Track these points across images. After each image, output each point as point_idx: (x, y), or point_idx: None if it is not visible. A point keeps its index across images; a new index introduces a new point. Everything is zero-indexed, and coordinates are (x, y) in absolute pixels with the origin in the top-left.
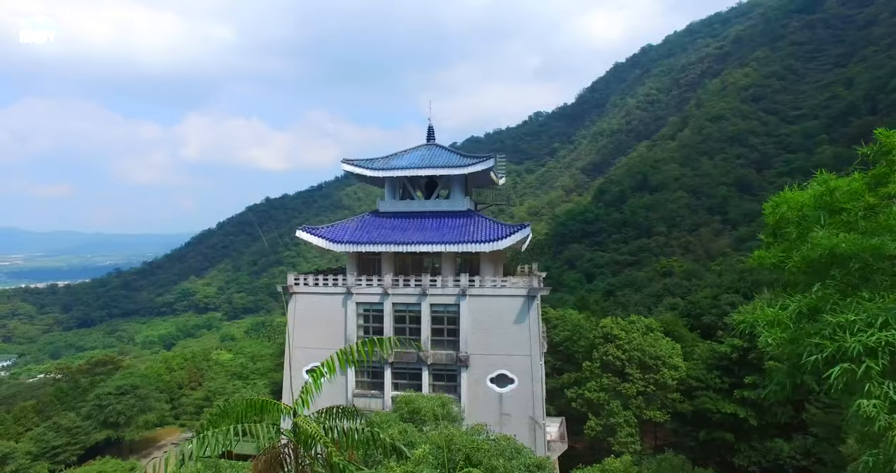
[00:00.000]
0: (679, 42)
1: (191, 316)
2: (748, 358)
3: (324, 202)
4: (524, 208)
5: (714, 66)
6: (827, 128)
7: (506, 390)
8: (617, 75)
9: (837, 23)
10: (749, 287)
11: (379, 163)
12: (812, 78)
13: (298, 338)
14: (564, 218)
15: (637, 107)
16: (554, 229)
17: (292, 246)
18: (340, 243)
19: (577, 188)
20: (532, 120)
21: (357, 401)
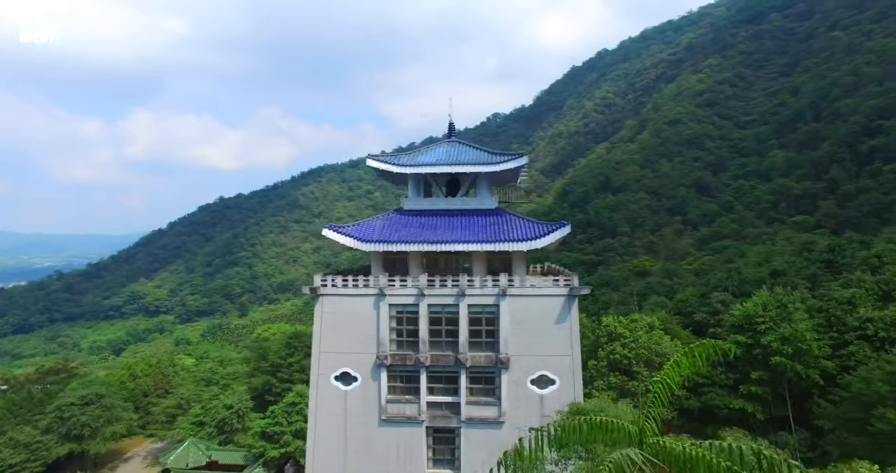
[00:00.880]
0: (634, 47)
1: (141, 319)
2: (753, 354)
3: (280, 202)
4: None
5: (668, 71)
6: (776, 133)
7: (547, 391)
8: (574, 78)
9: (781, 34)
10: (737, 285)
11: (404, 159)
12: (761, 85)
13: (326, 343)
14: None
15: (594, 109)
16: None
17: (248, 247)
18: (370, 242)
19: (536, 189)
20: (490, 121)
21: (391, 408)
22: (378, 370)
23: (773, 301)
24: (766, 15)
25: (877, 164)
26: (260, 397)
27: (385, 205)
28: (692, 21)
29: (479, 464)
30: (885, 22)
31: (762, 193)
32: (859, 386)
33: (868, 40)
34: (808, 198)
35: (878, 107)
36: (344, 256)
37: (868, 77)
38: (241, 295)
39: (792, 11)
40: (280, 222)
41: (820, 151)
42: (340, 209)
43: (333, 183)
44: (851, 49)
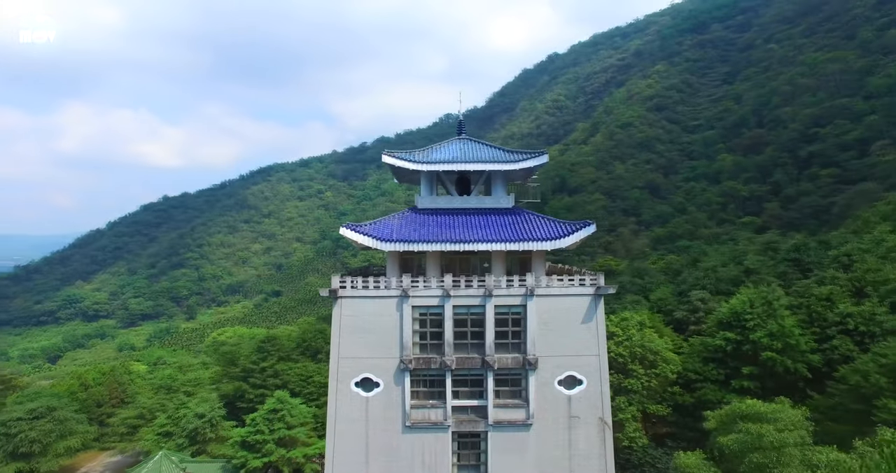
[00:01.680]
0: (584, 52)
1: (79, 324)
2: (742, 350)
3: (228, 201)
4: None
5: (617, 76)
6: (723, 137)
7: (574, 392)
8: (526, 81)
9: (723, 44)
10: (713, 283)
11: (419, 155)
12: (706, 92)
13: (346, 348)
14: None
15: (546, 112)
16: None
17: (195, 248)
18: (390, 242)
19: None
20: (443, 121)
21: (415, 413)
22: (401, 374)
23: (759, 298)
24: (708, 25)
25: (814, 169)
26: (231, 404)
27: (337, 205)
28: (639, 28)
29: (507, 468)
30: (814, 37)
31: (712, 195)
32: (856, 379)
33: (800, 54)
34: (755, 200)
35: (814, 115)
36: (295, 257)
37: (803, 87)
38: (188, 298)
39: (732, 23)
40: (229, 222)
41: (764, 156)
42: (291, 209)
43: (284, 182)
44: (786, 61)
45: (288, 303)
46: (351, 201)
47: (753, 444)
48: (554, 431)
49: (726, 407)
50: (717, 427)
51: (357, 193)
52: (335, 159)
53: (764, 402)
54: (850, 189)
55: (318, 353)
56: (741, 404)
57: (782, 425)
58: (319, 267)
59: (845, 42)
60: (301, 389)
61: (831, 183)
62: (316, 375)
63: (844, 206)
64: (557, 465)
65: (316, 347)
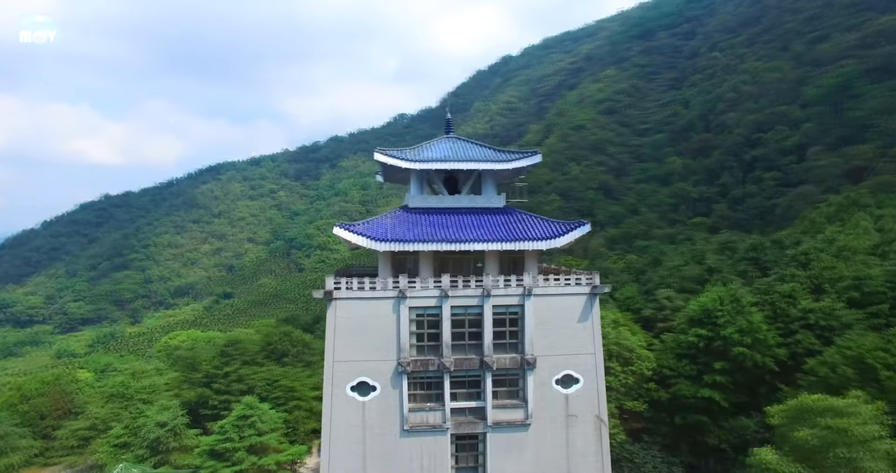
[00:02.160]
0: (536, 55)
1: (9, 330)
2: (713, 346)
3: (175, 200)
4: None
5: (569, 79)
6: (672, 141)
7: (571, 390)
8: (479, 82)
9: (669, 51)
10: (678, 282)
11: (410, 153)
12: (654, 96)
13: (341, 351)
14: None
15: (499, 113)
16: None
17: (140, 249)
18: (385, 241)
19: None
20: (396, 121)
21: (413, 417)
22: (399, 377)
23: (727, 295)
24: (655, 32)
25: (758, 172)
26: (193, 412)
27: (290, 205)
28: (590, 33)
29: (506, 469)
30: (754, 47)
31: (663, 196)
32: (825, 371)
33: (742, 62)
34: (704, 201)
35: (757, 121)
36: (247, 257)
37: (746, 94)
38: (133, 301)
39: (678, 31)
40: (176, 222)
41: (711, 159)
42: (242, 208)
43: (234, 181)
44: (730, 69)
45: (241, 305)
46: (304, 201)
47: (838, 439)
48: (552, 430)
49: (790, 402)
50: (784, 422)
51: (311, 193)
52: (288, 158)
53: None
54: (790, 191)
55: (284, 356)
56: (807, 398)
57: (861, 419)
58: (273, 268)
59: (781, 53)
60: (268, 394)
61: (774, 185)
62: (282, 379)
63: (786, 207)
64: (555, 464)
65: (281, 350)
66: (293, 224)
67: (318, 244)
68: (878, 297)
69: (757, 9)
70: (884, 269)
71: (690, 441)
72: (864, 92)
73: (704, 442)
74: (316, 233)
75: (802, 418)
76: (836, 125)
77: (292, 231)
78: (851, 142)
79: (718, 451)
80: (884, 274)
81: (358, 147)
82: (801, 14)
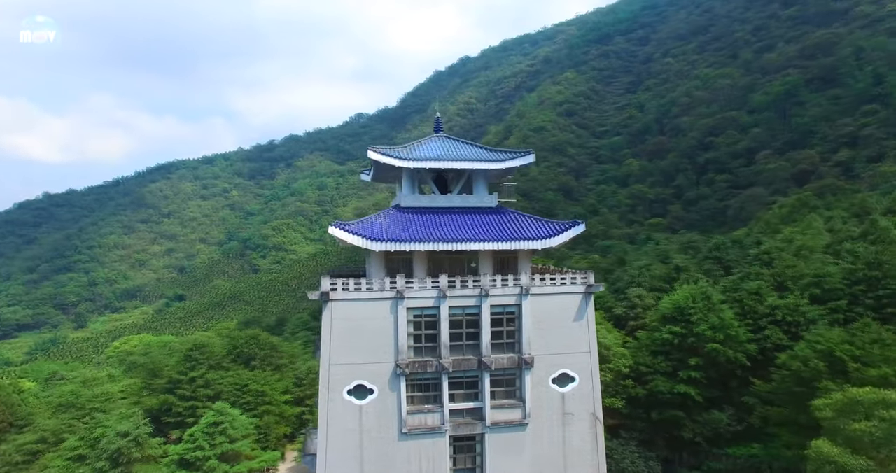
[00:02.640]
0: (495, 56)
1: None
2: (687, 343)
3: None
4: (349, 209)
5: (527, 81)
6: (629, 143)
7: (567, 389)
8: (438, 82)
9: (625, 56)
10: (648, 281)
11: (403, 152)
12: (611, 99)
13: (338, 354)
14: None
15: (457, 114)
16: None
17: (84, 250)
18: (380, 241)
19: None
20: (354, 121)
21: (411, 419)
22: (397, 380)
23: (699, 293)
24: (612, 37)
25: (711, 174)
26: (156, 420)
27: (244, 205)
28: (548, 36)
29: (505, 469)
30: (704, 54)
31: (622, 197)
32: (797, 365)
33: (694, 68)
34: (661, 202)
35: (710, 125)
36: (200, 259)
37: (699, 100)
38: (76, 305)
39: (633, 36)
40: (124, 222)
41: (667, 161)
42: (194, 208)
43: (186, 180)
44: (682, 74)
45: (194, 308)
46: (259, 201)
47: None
48: (549, 429)
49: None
50: (833, 416)
51: (266, 193)
52: (242, 157)
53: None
54: (741, 193)
55: (252, 360)
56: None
57: None
58: (227, 269)
59: (731, 60)
60: (237, 399)
61: (725, 187)
62: (251, 383)
63: (738, 209)
64: (553, 462)
65: (249, 354)
66: (248, 224)
67: (273, 245)
68: (837, 294)
69: (707, 18)
70: (840, 268)
71: (666, 436)
72: (807, 100)
73: (680, 436)
74: (271, 233)
75: (853, 411)
76: (782, 130)
77: (247, 231)
78: (797, 146)
79: (693, 444)
80: (841, 272)
81: (314, 146)
82: (748, 24)
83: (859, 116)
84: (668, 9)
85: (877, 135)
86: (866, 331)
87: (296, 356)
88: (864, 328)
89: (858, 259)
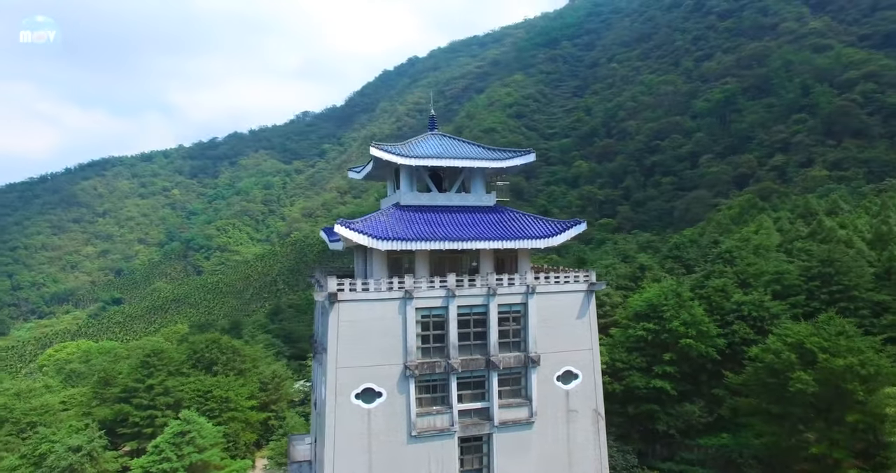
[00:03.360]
0: (443, 57)
1: None
2: (661, 339)
3: (51, 197)
4: (297, 209)
5: (476, 82)
6: (577, 145)
7: (571, 386)
8: (386, 82)
9: (572, 60)
10: (614, 279)
11: (403, 149)
12: (559, 102)
13: (345, 357)
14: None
15: (407, 114)
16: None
17: (6, 252)
18: (386, 240)
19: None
20: (300, 119)
21: (421, 422)
22: (406, 382)
23: (670, 291)
24: (559, 41)
25: (657, 177)
26: (110, 431)
27: (186, 204)
28: (496, 38)
29: (512, 468)
30: (647, 61)
31: (572, 198)
32: (770, 357)
33: (638, 74)
34: (610, 203)
35: (655, 129)
36: (138, 260)
37: (644, 104)
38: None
39: (579, 41)
40: (52, 221)
41: (615, 163)
42: (132, 207)
43: (122, 177)
44: (627, 79)
45: (134, 312)
46: (202, 200)
47: None
48: (554, 426)
49: (890, 390)
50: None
51: (209, 192)
52: (182, 154)
53: None
54: (686, 195)
55: (213, 365)
56: None
57: None
58: (168, 271)
59: (673, 68)
60: (200, 406)
61: (671, 189)
62: (215, 389)
63: (684, 210)
64: (558, 460)
65: (210, 358)
66: (190, 224)
67: (218, 245)
68: (795, 289)
69: (649, 26)
70: (796, 265)
71: (641, 429)
72: (744, 107)
73: (654, 429)
74: (216, 233)
75: None
76: (723, 136)
77: (189, 231)
78: (737, 151)
79: (667, 437)
80: (798, 269)
81: (259, 145)
82: (688, 34)
83: (791, 124)
84: (612, 16)
85: (806, 142)
86: (831, 324)
87: (258, 359)
88: (829, 321)
89: (813, 257)
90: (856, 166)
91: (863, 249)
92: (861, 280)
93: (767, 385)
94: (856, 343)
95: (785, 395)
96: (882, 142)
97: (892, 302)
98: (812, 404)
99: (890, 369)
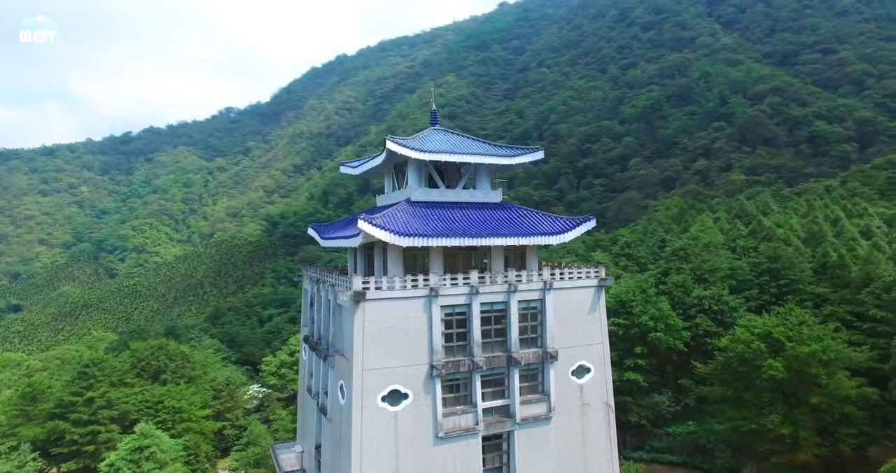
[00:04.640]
0: (373, 56)
1: None
2: (631, 333)
3: None
4: (220, 208)
5: (407, 82)
6: None
7: (584, 380)
8: (314, 79)
9: (503, 63)
10: None
11: (415, 143)
12: (490, 105)
13: (371, 359)
14: (291, 219)
15: (336, 112)
16: (271, 230)
17: None
18: (406, 236)
19: (279, 189)
20: (223, 115)
21: (447, 422)
22: (432, 381)
23: (636, 287)
24: (489, 45)
25: (589, 179)
26: (42, 452)
27: (96, 203)
28: (426, 39)
29: (532, 464)
30: (576, 67)
31: (508, 199)
32: (740, 347)
33: (567, 79)
34: (545, 204)
35: (586, 133)
36: (39, 263)
37: (575, 108)
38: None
39: (509, 46)
40: None
41: (549, 165)
42: (31, 205)
43: (19, 172)
44: (557, 84)
45: (38, 319)
46: (114, 198)
47: None
48: (570, 420)
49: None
50: None
51: (122, 189)
52: (92, 149)
53: None
54: (618, 196)
55: (161, 373)
56: None
57: None
58: (76, 274)
59: (600, 74)
60: (150, 418)
61: (603, 191)
62: (165, 399)
63: (616, 211)
64: (573, 453)
65: (157, 366)
66: (101, 224)
67: (134, 246)
68: (748, 284)
69: (577, 33)
70: (747, 261)
71: None
72: (669, 114)
73: (626, 421)
74: (131, 233)
75: None
76: (650, 140)
77: (101, 232)
78: (663, 155)
79: (637, 427)
80: (749, 265)
81: (179, 140)
82: (614, 42)
83: (711, 131)
84: (541, 22)
85: (725, 149)
86: (792, 315)
87: (208, 365)
88: (790, 312)
89: (760, 254)
90: (768, 171)
91: (800, 247)
92: (803, 274)
93: (738, 373)
94: (815, 331)
95: (755, 382)
96: (788, 150)
97: (829, 294)
98: (778, 389)
99: (846, 353)
